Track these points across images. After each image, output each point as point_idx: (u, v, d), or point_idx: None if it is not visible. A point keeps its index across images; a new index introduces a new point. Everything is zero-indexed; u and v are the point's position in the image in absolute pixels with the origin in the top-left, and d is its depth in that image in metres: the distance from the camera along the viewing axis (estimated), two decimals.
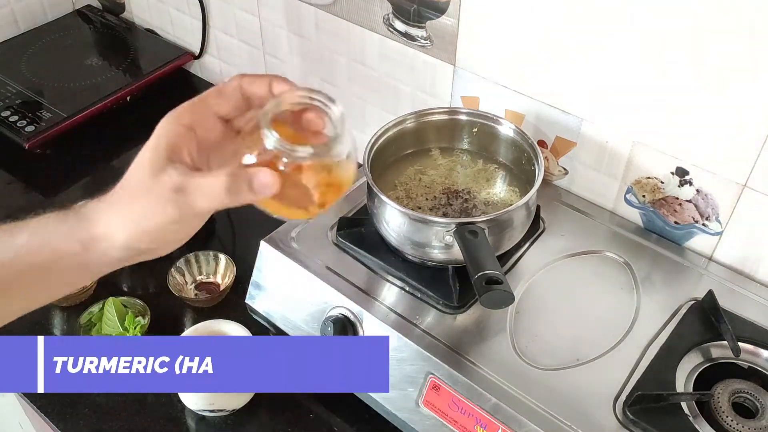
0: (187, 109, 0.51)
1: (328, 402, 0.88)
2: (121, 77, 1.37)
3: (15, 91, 1.32)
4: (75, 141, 1.29)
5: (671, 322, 0.80)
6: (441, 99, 1.05)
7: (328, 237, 0.90)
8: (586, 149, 0.94)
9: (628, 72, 0.84)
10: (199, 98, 0.52)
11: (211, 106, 0.52)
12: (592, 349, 0.77)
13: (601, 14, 0.82)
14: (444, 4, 0.95)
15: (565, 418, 0.70)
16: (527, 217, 0.84)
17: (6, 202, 1.19)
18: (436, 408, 0.76)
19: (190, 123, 0.51)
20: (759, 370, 0.76)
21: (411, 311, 0.80)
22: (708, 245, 0.90)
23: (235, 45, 1.33)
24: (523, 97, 0.95)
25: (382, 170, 0.91)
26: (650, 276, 0.86)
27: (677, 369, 0.74)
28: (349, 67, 1.14)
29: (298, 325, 0.87)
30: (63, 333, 0.97)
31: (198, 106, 0.51)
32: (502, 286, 0.68)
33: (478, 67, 0.98)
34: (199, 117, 0.51)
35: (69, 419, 0.87)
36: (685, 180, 0.87)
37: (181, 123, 0.50)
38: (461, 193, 0.89)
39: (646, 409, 0.70)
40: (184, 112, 0.51)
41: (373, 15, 1.04)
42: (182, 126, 0.50)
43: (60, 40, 1.48)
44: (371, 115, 1.17)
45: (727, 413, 0.70)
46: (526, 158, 0.89)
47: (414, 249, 0.82)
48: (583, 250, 0.88)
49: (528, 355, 0.76)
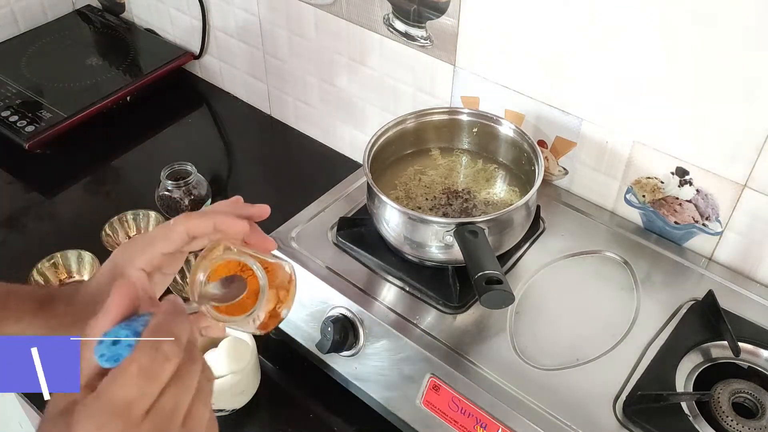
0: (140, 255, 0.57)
1: (328, 402, 0.88)
2: (121, 77, 1.37)
3: (15, 91, 1.32)
4: (75, 141, 1.29)
5: (671, 322, 0.80)
6: (441, 99, 1.05)
7: (328, 237, 0.90)
8: (586, 149, 0.94)
9: (628, 72, 0.84)
10: (150, 243, 0.57)
11: (159, 249, 0.57)
12: (592, 349, 0.77)
13: (601, 14, 0.82)
14: (444, 4, 0.95)
15: (565, 418, 0.70)
16: (527, 217, 0.84)
17: (6, 202, 1.19)
18: (436, 408, 0.76)
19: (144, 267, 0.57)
20: (759, 370, 0.76)
21: (411, 311, 0.80)
22: (708, 245, 0.90)
23: (235, 45, 1.33)
24: (523, 97, 0.95)
25: (382, 170, 0.91)
26: (650, 276, 0.86)
27: (677, 369, 0.74)
28: (349, 67, 1.14)
29: (298, 325, 0.87)
30: None
31: (149, 252, 0.57)
32: (502, 286, 0.68)
33: (478, 67, 0.98)
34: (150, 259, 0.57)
35: None
36: (685, 180, 0.87)
37: (135, 268, 0.57)
38: (461, 193, 0.89)
39: (646, 409, 0.70)
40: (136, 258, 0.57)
41: (373, 15, 1.04)
42: (136, 270, 0.57)
43: (60, 40, 1.48)
44: (371, 115, 1.17)
45: (727, 413, 0.70)
46: (526, 158, 0.89)
47: (414, 249, 0.82)
48: (583, 250, 0.88)
49: (528, 355, 0.76)
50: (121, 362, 0.41)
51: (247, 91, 1.39)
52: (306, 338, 0.87)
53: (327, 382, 0.87)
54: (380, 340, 0.80)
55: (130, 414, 0.41)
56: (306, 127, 1.32)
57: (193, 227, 0.57)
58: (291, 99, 1.30)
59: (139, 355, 0.41)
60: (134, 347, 0.42)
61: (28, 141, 1.22)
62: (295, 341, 0.88)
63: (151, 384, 0.42)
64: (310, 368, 0.88)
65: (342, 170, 1.07)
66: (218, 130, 1.39)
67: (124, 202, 1.14)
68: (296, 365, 0.91)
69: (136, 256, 0.57)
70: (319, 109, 1.26)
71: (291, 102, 1.31)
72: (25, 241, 1.11)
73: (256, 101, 1.39)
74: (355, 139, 1.24)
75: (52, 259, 1.01)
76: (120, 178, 1.25)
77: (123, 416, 0.40)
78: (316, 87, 1.23)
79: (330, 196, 0.96)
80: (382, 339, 0.79)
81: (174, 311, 0.45)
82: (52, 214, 1.17)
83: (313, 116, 1.29)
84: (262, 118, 1.38)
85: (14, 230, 1.13)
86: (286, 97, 1.31)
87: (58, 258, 1.02)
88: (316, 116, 1.28)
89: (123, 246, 0.59)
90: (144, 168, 1.25)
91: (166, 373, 0.42)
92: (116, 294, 0.45)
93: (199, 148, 1.31)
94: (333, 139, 1.29)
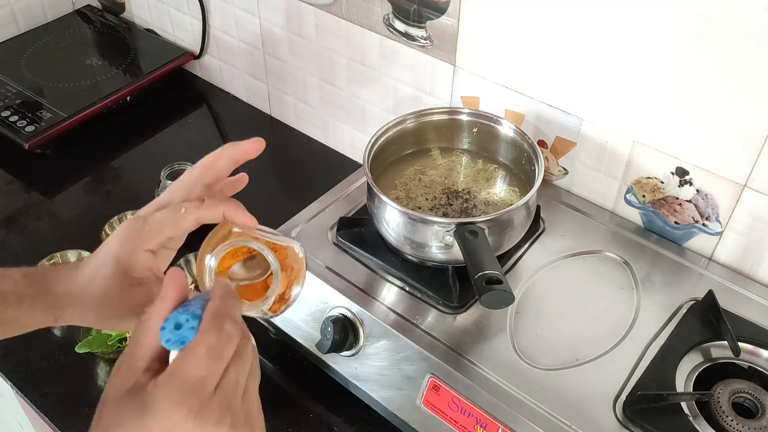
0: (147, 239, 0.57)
1: (328, 402, 0.88)
2: (121, 77, 1.37)
3: (15, 91, 1.32)
4: (75, 141, 1.29)
5: (671, 322, 0.80)
6: (441, 99, 1.05)
7: (328, 237, 0.90)
8: (586, 149, 0.94)
9: (628, 72, 0.84)
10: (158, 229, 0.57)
11: (167, 234, 0.57)
12: (592, 349, 0.77)
13: (601, 14, 0.82)
14: (444, 4, 0.95)
15: (565, 418, 0.70)
16: (527, 217, 0.84)
17: (6, 202, 1.19)
18: (436, 408, 0.76)
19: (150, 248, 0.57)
20: (759, 370, 0.76)
21: (411, 311, 0.80)
22: (708, 245, 0.90)
23: (235, 45, 1.33)
24: (523, 97, 0.95)
25: (382, 170, 0.91)
26: (650, 276, 0.86)
27: (677, 369, 0.74)
28: (349, 67, 1.14)
29: (297, 325, 0.87)
30: (62, 334, 0.97)
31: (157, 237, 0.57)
32: (502, 286, 0.68)
33: (478, 67, 0.98)
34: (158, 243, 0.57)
35: (69, 419, 0.87)
36: (685, 180, 0.87)
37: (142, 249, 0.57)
38: (461, 193, 0.89)
39: (646, 409, 0.70)
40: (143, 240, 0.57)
41: (373, 15, 1.05)
42: (143, 252, 0.57)
43: (60, 40, 1.48)
44: (371, 115, 1.17)
45: (727, 413, 0.70)
46: (526, 158, 0.89)
47: (414, 249, 0.82)
48: (583, 250, 0.88)
49: (528, 355, 0.76)
50: (187, 344, 0.45)
51: (247, 91, 1.39)
52: (306, 338, 0.87)
53: (327, 382, 0.87)
54: (380, 340, 0.79)
55: (203, 391, 0.44)
56: (306, 127, 1.32)
57: (203, 218, 0.57)
58: (291, 99, 1.30)
59: (206, 336, 0.45)
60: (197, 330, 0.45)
61: (28, 141, 1.22)
62: (295, 341, 0.88)
63: (218, 363, 0.45)
64: (310, 368, 0.88)
65: (342, 170, 1.07)
66: (218, 130, 1.39)
67: (124, 202, 1.14)
68: (296, 365, 0.91)
69: (145, 239, 0.57)
70: (319, 109, 1.26)
71: (291, 102, 1.31)
72: (25, 241, 1.11)
73: (256, 101, 1.39)
74: (355, 139, 1.24)
75: (52, 259, 1.01)
76: (120, 178, 1.25)
77: (197, 393, 0.44)
78: (316, 87, 1.23)
79: (330, 196, 0.96)
80: (382, 339, 0.79)
81: (227, 294, 0.48)
82: (52, 214, 1.17)
83: (313, 116, 1.29)
84: (262, 118, 1.38)
85: (14, 230, 1.13)
86: (286, 97, 1.31)
87: (58, 258, 1.02)
88: (316, 116, 1.28)
89: (129, 227, 0.57)
90: (144, 168, 1.25)
91: (229, 352, 0.46)
92: (171, 282, 0.48)
93: (199, 148, 1.30)
94: (333, 139, 1.29)
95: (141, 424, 0.43)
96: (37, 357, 0.94)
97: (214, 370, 0.45)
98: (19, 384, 0.91)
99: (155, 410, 0.43)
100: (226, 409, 0.45)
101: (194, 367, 0.44)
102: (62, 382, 0.91)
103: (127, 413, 0.44)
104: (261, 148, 0.60)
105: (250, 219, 0.57)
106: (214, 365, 0.45)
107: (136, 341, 0.47)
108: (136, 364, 0.46)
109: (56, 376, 0.92)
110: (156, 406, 0.43)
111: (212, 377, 0.45)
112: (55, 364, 0.93)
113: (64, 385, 0.91)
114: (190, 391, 0.44)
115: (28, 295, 0.58)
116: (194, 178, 0.60)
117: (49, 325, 0.60)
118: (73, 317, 0.58)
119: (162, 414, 0.43)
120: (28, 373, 0.92)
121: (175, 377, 0.44)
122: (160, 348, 0.46)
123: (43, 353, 0.95)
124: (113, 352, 0.92)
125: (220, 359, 0.45)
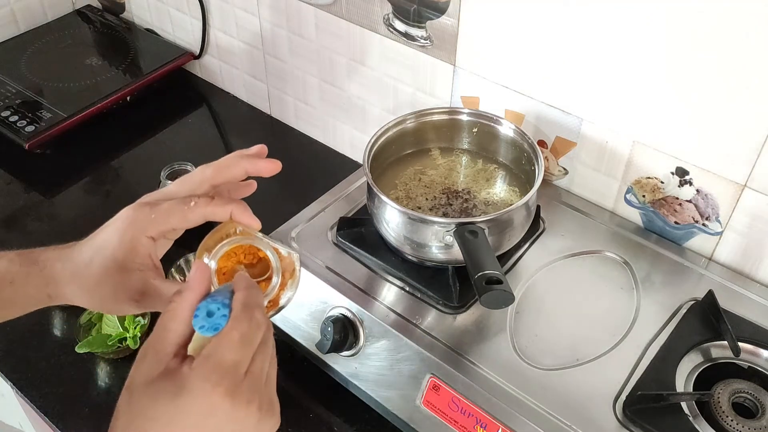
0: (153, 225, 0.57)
1: (328, 402, 0.88)
2: (121, 77, 1.37)
3: (15, 91, 1.32)
4: (75, 141, 1.29)
5: (671, 322, 0.80)
6: (441, 99, 1.05)
7: (328, 237, 0.90)
8: (586, 149, 0.94)
9: (628, 72, 0.84)
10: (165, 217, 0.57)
11: (172, 224, 0.58)
12: (592, 349, 0.77)
13: (601, 14, 0.82)
14: (444, 4, 0.95)
15: (565, 418, 0.70)
16: (527, 217, 0.84)
17: (6, 202, 1.19)
18: (436, 408, 0.76)
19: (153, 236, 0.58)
20: (759, 370, 0.76)
21: (411, 311, 0.80)
22: (708, 245, 0.90)
23: (235, 45, 1.33)
24: (523, 97, 0.96)
25: (382, 170, 0.91)
26: (650, 276, 0.86)
27: (677, 369, 0.74)
28: (349, 67, 1.14)
29: (297, 325, 0.87)
30: (63, 333, 0.97)
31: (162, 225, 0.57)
32: (502, 286, 0.68)
33: (478, 67, 0.98)
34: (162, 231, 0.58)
35: (69, 419, 0.87)
36: (685, 180, 0.87)
37: (145, 236, 0.57)
38: (461, 193, 0.89)
39: (646, 409, 0.70)
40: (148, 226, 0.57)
41: (373, 15, 1.05)
42: (146, 238, 0.57)
43: (60, 40, 1.48)
44: (371, 115, 1.17)
45: (727, 413, 0.70)
46: (526, 158, 0.89)
47: (414, 249, 0.82)
48: (583, 250, 0.88)
49: (528, 355, 0.76)
50: (221, 330, 0.48)
51: (247, 91, 1.39)
52: (306, 338, 0.87)
53: (327, 382, 0.87)
54: (380, 340, 0.80)
55: (237, 373, 0.47)
56: (306, 127, 1.32)
57: (211, 214, 0.57)
58: (291, 99, 1.30)
59: (239, 323, 0.48)
60: (228, 318, 0.49)
61: (28, 141, 1.22)
62: (295, 341, 0.88)
63: (249, 348, 0.48)
64: (310, 368, 0.88)
65: (342, 170, 1.07)
66: (218, 130, 1.39)
67: (124, 202, 1.13)
68: (296, 365, 0.91)
69: (150, 226, 0.57)
70: (319, 109, 1.26)
71: (291, 102, 1.31)
72: (25, 241, 1.11)
73: (256, 101, 1.39)
74: (355, 139, 1.24)
75: None
76: (120, 178, 1.25)
77: (232, 375, 0.47)
78: (316, 87, 1.23)
79: (330, 196, 0.96)
80: (382, 339, 0.79)
81: (251, 285, 0.52)
82: (52, 214, 1.17)
83: (313, 116, 1.29)
84: (262, 118, 1.38)
85: (14, 230, 1.13)
86: (286, 97, 1.31)
87: None
88: (316, 116, 1.28)
89: (136, 212, 0.58)
90: (144, 168, 1.25)
91: (258, 339, 0.49)
92: (199, 274, 0.51)
93: (199, 148, 1.31)
94: (333, 139, 1.29)
95: (178, 405, 0.46)
96: (37, 357, 0.94)
97: (246, 355, 0.48)
98: (19, 384, 0.91)
99: (193, 391, 0.46)
100: (254, 392, 0.48)
101: (230, 352, 0.47)
102: (62, 382, 0.91)
103: (162, 396, 0.46)
104: (276, 170, 0.61)
105: (256, 221, 0.58)
106: (245, 350, 0.48)
107: (165, 328, 0.49)
108: (164, 350, 0.48)
109: (56, 376, 0.92)
110: (194, 388, 0.46)
111: (244, 362, 0.48)
112: (55, 364, 0.93)
113: (64, 385, 0.91)
114: (225, 373, 0.46)
115: (21, 272, 0.59)
116: (205, 177, 0.60)
117: (45, 304, 0.61)
118: (68, 296, 0.59)
119: (199, 394, 0.46)
120: (28, 373, 0.92)
121: (210, 360, 0.47)
122: (187, 335, 0.49)
123: (43, 353, 0.95)
124: (113, 352, 0.92)
125: (251, 345, 0.49)
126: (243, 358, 0.48)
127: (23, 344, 0.96)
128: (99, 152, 1.29)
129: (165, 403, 0.46)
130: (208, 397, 0.46)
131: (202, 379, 0.46)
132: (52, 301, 0.60)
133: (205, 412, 0.46)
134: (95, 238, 0.59)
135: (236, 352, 0.47)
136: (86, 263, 0.58)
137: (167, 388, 0.46)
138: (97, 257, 0.57)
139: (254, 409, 0.48)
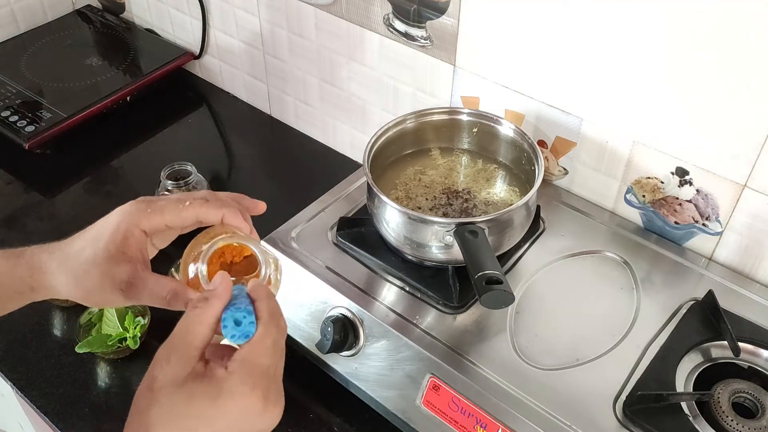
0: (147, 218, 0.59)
1: (328, 402, 0.88)
2: (121, 77, 1.37)
3: (15, 91, 1.32)
4: (75, 141, 1.29)
5: (671, 322, 0.80)
6: (441, 99, 1.05)
7: (328, 237, 0.90)
8: (586, 149, 0.94)
9: (628, 72, 0.84)
10: (159, 212, 0.59)
11: (166, 221, 0.59)
12: (592, 349, 0.77)
13: (601, 14, 0.82)
14: (444, 4, 0.95)
15: (565, 418, 0.70)
16: (527, 217, 0.84)
17: (6, 202, 1.19)
18: (436, 408, 0.76)
19: (146, 230, 0.59)
20: (759, 370, 0.76)
21: (411, 311, 0.80)
22: (708, 245, 0.90)
23: (235, 45, 1.33)
24: (523, 97, 0.96)
25: (382, 170, 0.91)
26: (650, 276, 0.86)
27: (677, 369, 0.74)
28: (349, 67, 1.14)
29: (298, 325, 0.87)
30: (63, 333, 0.97)
31: (156, 220, 0.59)
32: (502, 286, 0.68)
33: (478, 67, 0.98)
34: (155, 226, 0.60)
35: (69, 419, 0.87)
36: (685, 180, 0.87)
37: (139, 228, 0.59)
38: (461, 193, 0.89)
39: (646, 409, 0.70)
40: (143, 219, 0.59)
41: (373, 15, 1.05)
42: (139, 231, 0.59)
43: (60, 40, 1.48)
44: (371, 115, 1.17)
45: (727, 413, 0.70)
46: (526, 158, 0.89)
47: (414, 249, 0.82)
48: (583, 250, 0.88)
49: (528, 355, 0.76)
50: (252, 337, 0.52)
51: (247, 91, 1.39)
52: (306, 338, 0.87)
53: (327, 382, 0.87)
54: (380, 340, 0.80)
55: (270, 376, 0.51)
56: (306, 127, 1.32)
57: (204, 215, 0.59)
58: (291, 99, 1.30)
59: (270, 330, 0.52)
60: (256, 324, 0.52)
61: (28, 141, 1.22)
62: (295, 341, 0.88)
63: (280, 353, 0.53)
64: (310, 368, 0.88)
65: (342, 170, 1.07)
66: (218, 130, 1.39)
67: (124, 202, 1.14)
68: (296, 365, 0.91)
69: (143, 218, 0.59)
70: (319, 109, 1.26)
71: (291, 102, 1.31)
72: (25, 241, 1.10)
73: (256, 101, 1.39)
74: (355, 139, 1.24)
75: None
76: (120, 178, 1.25)
77: (268, 377, 0.51)
78: (316, 87, 1.23)
79: (330, 196, 0.96)
80: (382, 339, 0.79)
81: (270, 294, 0.55)
82: (52, 214, 1.17)
83: (313, 116, 1.29)
84: (262, 118, 1.38)
85: (14, 230, 1.13)
86: (286, 97, 1.31)
87: None
88: (316, 116, 1.28)
89: (132, 205, 0.60)
90: (144, 168, 1.25)
91: (284, 343, 0.54)
92: (225, 284, 0.54)
93: (199, 148, 1.31)
94: (333, 139, 1.29)
95: (218, 405, 0.49)
96: (37, 357, 0.94)
97: (276, 359, 0.52)
98: (19, 384, 0.91)
99: (232, 394, 0.49)
100: (279, 393, 0.53)
101: (264, 357, 0.51)
102: (62, 382, 0.91)
103: (198, 396, 0.49)
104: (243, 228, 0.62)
105: (246, 225, 0.61)
106: (276, 355, 0.53)
107: (189, 331, 0.51)
108: (190, 353, 0.50)
109: (56, 376, 0.92)
110: (233, 390, 0.49)
111: (274, 365, 0.52)
112: (55, 364, 0.93)
113: (64, 385, 0.91)
114: (261, 376, 0.50)
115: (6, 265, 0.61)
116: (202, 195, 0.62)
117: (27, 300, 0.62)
118: (53, 285, 0.60)
119: (239, 396, 0.49)
120: (28, 373, 0.92)
121: (247, 364, 0.50)
122: (209, 340, 0.52)
123: (43, 353, 0.95)
124: (113, 352, 0.92)
125: (281, 350, 0.53)
126: (274, 362, 0.52)
127: (23, 344, 0.96)
128: (99, 152, 1.29)
129: (203, 403, 0.49)
130: (246, 398, 0.49)
131: (240, 383, 0.49)
132: (34, 293, 0.61)
133: (243, 411, 0.49)
134: (89, 230, 0.60)
135: (270, 357, 0.52)
136: (77, 252, 0.59)
137: (203, 389, 0.49)
138: (89, 246, 0.58)
139: (278, 408, 0.52)
